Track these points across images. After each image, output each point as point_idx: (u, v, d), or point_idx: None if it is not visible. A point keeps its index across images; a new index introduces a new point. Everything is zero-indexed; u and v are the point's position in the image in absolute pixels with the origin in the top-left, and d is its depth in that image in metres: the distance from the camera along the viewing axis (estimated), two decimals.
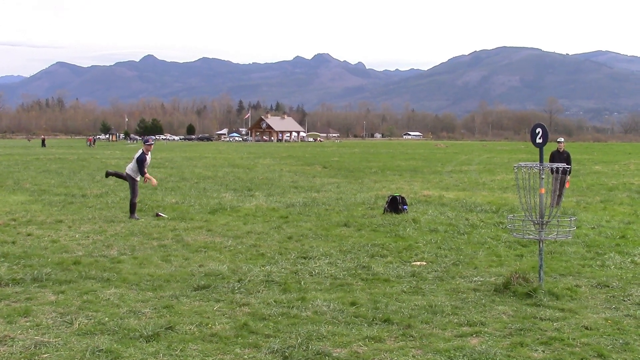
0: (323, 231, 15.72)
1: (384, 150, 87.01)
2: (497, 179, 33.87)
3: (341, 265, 11.78)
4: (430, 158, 61.26)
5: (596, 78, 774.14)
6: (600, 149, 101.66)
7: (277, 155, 65.98)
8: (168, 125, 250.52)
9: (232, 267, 11.53)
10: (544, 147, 10.07)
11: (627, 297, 9.64)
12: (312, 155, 67.33)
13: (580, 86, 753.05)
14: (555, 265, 11.82)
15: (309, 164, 49.88)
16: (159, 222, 17.05)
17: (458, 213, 19.24)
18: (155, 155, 63.92)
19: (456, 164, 51.84)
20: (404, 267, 11.73)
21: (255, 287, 10.14)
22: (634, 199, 23.46)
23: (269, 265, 11.71)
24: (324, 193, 25.43)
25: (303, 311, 8.80)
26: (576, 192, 25.94)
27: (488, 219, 18.05)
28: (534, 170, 9.96)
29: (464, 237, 14.98)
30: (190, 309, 8.87)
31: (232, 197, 23.58)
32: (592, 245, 13.91)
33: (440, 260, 12.29)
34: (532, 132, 10.17)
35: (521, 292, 9.58)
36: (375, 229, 16.22)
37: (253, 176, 34.89)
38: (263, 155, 66.35)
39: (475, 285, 10.35)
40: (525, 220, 10.49)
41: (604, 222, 17.42)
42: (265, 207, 20.57)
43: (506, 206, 20.85)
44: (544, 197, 9.83)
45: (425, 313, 8.73)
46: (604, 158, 62.16)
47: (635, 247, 13.63)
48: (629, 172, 40.17)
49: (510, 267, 11.44)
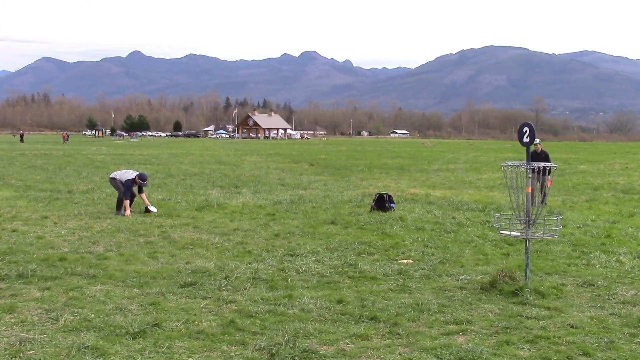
0: (310, 229, 15.73)
1: (371, 148, 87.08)
2: (484, 178, 33.98)
3: (328, 263, 11.79)
4: (417, 156, 61.38)
5: (582, 78, 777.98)
6: (586, 148, 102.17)
7: (264, 153, 65.90)
8: (154, 121, 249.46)
9: (218, 264, 11.52)
10: (530, 146, 10.13)
11: (612, 296, 9.70)
12: (299, 153, 67.29)
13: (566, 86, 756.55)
14: (541, 264, 11.88)
15: (296, 161, 49.85)
16: (146, 219, 16.99)
17: (445, 211, 19.30)
18: (142, 151, 63.66)
19: (443, 162, 51.97)
20: (391, 265, 11.75)
21: (242, 284, 10.13)
22: (619, 199, 23.60)
23: (256, 263, 11.70)
24: (311, 191, 25.43)
25: (290, 309, 8.80)
26: (562, 192, 26.06)
27: (475, 217, 18.11)
28: (520, 169, 10.00)
29: (451, 236, 15.02)
30: (176, 306, 8.85)
31: (218, 194, 23.54)
32: (577, 244, 13.98)
33: (427, 259, 12.33)
34: (519, 131, 10.22)
35: (507, 290, 9.62)
36: (362, 226, 16.24)
37: (240, 173, 34.83)
38: (250, 153, 66.24)
39: (461, 284, 10.39)
40: (511, 219, 10.53)
41: (590, 221, 17.52)
42: (252, 204, 20.55)
43: (493, 205, 20.92)
44: (530, 196, 9.88)
45: (412, 311, 8.75)
46: (589, 158, 62.48)
47: (621, 246, 13.72)
48: (614, 171, 40.41)
49: (496, 266, 11.49)
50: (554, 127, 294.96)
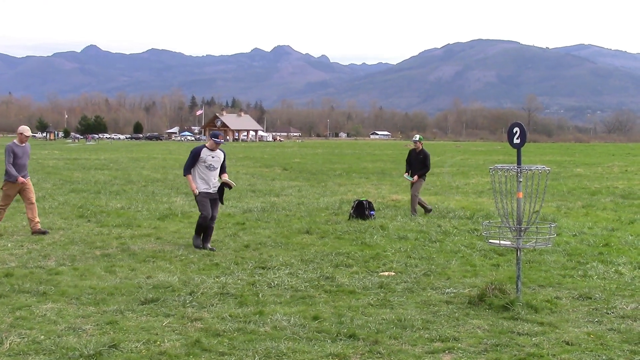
0: (283, 239, 15.71)
1: (350, 151, 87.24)
2: (472, 183, 34.14)
3: (303, 276, 11.78)
4: (399, 160, 61.48)
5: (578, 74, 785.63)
6: (582, 150, 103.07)
7: (233, 156, 65.75)
8: (113, 123, 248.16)
9: (183, 278, 11.46)
10: (522, 147, 10.18)
11: (610, 310, 9.77)
12: (272, 157, 67.25)
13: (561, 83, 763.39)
14: (534, 275, 11.95)
15: (268, 165, 49.81)
16: (102, 230, 16.88)
17: (429, 219, 19.36)
18: (99, 156, 63.27)
19: None
20: (371, 277, 11.76)
21: (208, 300, 10.09)
22: (618, 204, 23.79)
23: (224, 276, 11.67)
24: (284, 197, 25.41)
25: (261, 326, 8.78)
26: (556, 197, 26.25)
27: (462, 225, 18.19)
28: (511, 172, 10.05)
29: (436, 245, 15.07)
30: (136, 325, 8.79)
31: (183, 201, 23.45)
32: (573, 254, 14.08)
33: (410, 271, 12.35)
34: (509, 132, 10.27)
35: (497, 304, 9.66)
36: (340, 236, 16.25)
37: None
38: None
39: (447, 297, 10.42)
40: (501, 227, 10.59)
41: (586, 228, 17.64)
42: (220, 212, 20.48)
43: (481, 212, 21.03)
44: (522, 202, 9.93)
45: (393, 327, 8.76)
46: (586, 160, 63.02)
47: (620, 256, 13.82)
48: (612, 175, 40.75)
49: (485, 278, 11.54)
50: (548, 127, 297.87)
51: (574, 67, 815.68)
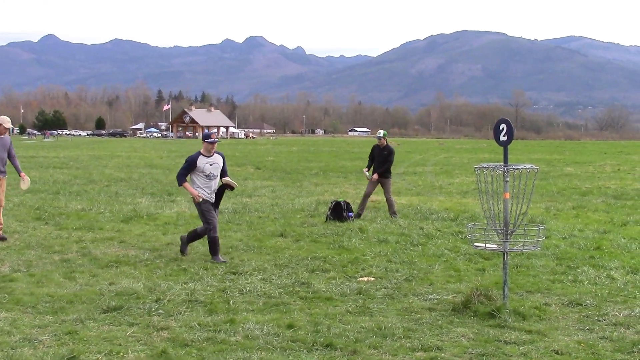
0: (255, 242, 15.69)
1: (327, 149, 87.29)
2: (456, 182, 34.29)
3: (276, 282, 11.76)
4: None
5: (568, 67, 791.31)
6: (573, 147, 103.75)
7: None
8: (73, 118, 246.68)
9: (148, 284, 11.41)
10: (509, 145, 10.23)
11: (602, 317, 9.83)
12: (244, 154, 67.14)
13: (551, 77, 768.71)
14: (521, 280, 12.01)
15: (240, 164, 49.72)
16: (61, 233, 16.76)
17: (411, 221, 19.42)
18: (58, 153, 62.85)
19: (409, 164, 52.33)
20: (349, 283, 11.77)
21: (175, 307, 10.05)
22: (610, 205, 23.97)
23: (193, 283, 11.63)
24: (257, 198, 25.38)
25: (232, 335, 8.76)
26: (545, 197, 26.41)
27: (445, 227, 18.26)
28: (497, 172, 10.09)
29: (418, 249, 15.11)
30: (98, 335, 8.74)
31: (149, 202, 23.36)
32: (563, 257, 14.16)
33: (391, 276, 12.38)
34: (495, 129, 10.32)
35: (483, 311, 9.70)
36: (316, 239, 16.25)
37: (174, 178, 34.52)
38: (186, 154, 65.70)
39: (430, 304, 10.44)
40: (487, 229, 10.62)
41: (577, 231, 17.76)
42: (188, 214, 20.43)
43: (466, 213, 21.12)
44: (509, 203, 9.97)
45: (373, 336, 8.77)
46: (576, 158, 63.45)
47: (612, 260, 13.90)
48: (604, 174, 41.07)
49: (470, 283, 11.58)
50: (537, 123, 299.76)
51: (563, 61, 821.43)
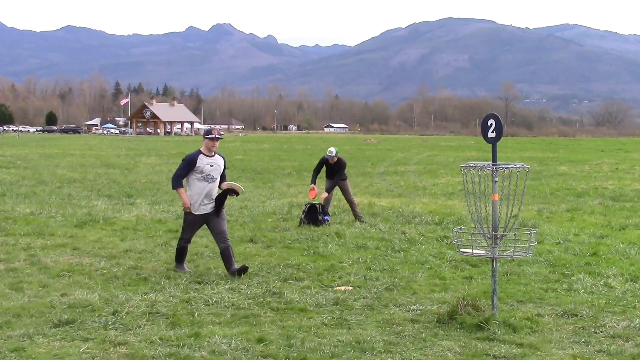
0: None
1: (301, 147, 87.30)
2: (441, 183, 34.39)
3: (246, 292, 11.74)
4: (357, 156, 61.73)
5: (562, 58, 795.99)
6: (567, 145, 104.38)
7: (165, 153, 65.39)
8: (21, 112, 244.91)
9: (104, 295, 11.34)
10: (498, 142, 10.25)
11: (599, 329, 9.88)
12: None
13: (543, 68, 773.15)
14: (512, 289, 12.06)
15: None
16: (7, 239, 16.62)
17: (392, 225, 19.46)
18: (4, 152, 62.37)
19: (390, 163, 52.43)
20: (325, 293, 11.76)
21: (135, 320, 10.00)
22: (607, 207, 24.11)
23: (154, 293, 11.57)
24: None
25: (197, 351, 8.73)
26: (538, 199, 26.54)
27: (429, 232, 18.31)
28: (485, 171, 10.12)
29: (400, 255, 15.14)
30: (48, 352, 8.67)
31: (105, 205, 23.24)
32: (557, 264, 14.23)
33: (370, 285, 12.38)
34: (483, 125, 10.34)
35: (470, 323, 9.72)
36: (289, 245, 16.25)
37: (133, 179, 34.46)
38: (147, 152, 65.62)
39: (413, 316, 10.46)
40: (475, 234, 10.65)
41: (572, 235, 17.85)
42: (149, 218, 20.34)
43: (452, 216, 21.19)
44: (497, 205, 9.99)
45: (351, 351, 8.77)
46: (571, 157, 63.79)
47: (610, 267, 13.97)
48: (601, 174, 41.33)
49: (456, 293, 11.61)
50: (528, 118, 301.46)
51: (557, 51, 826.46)
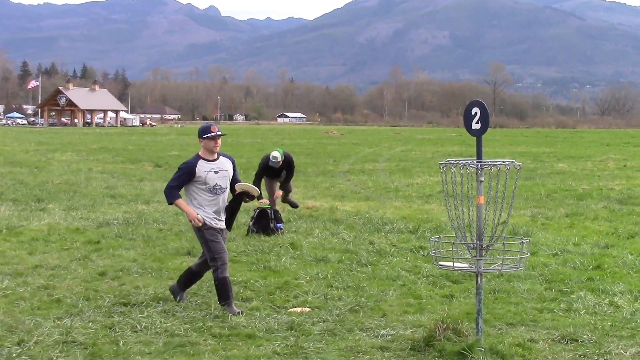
0: (155, 263, 15.60)
1: (249, 140, 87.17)
2: (417, 183, 34.46)
3: (182, 315, 11.69)
4: (317, 152, 61.81)
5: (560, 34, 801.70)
6: (567, 138, 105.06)
7: (84, 148, 64.99)
8: None
9: (8, 321, 11.25)
10: (483, 135, 10.29)
11: (603, 356, 9.94)
12: (139, 148, 66.73)
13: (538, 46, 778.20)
14: (500, 310, 12.10)
15: (134, 160, 49.41)
16: None
17: (358, 234, 19.47)
18: None
19: (356, 160, 52.50)
20: (278, 316, 11.75)
21: (45, 352, 9.93)
22: (613, 212, 24.15)
23: (69, 318, 11.49)
24: (157, 205, 25.24)
25: None
26: (531, 202, 26.63)
27: (402, 242, 18.34)
28: (468, 169, 10.15)
29: (367, 270, 15.15)
30: None
31: (10, 212, 23.06)
32: (553, 280, 14.30)
33: (332, 305, 12.38)
34: (466, 114, 10.37)
35: (451, 350, 9.77)
36: (235, 258, 16.20)
37: (45, 179, 34.21)
38: (61, 147, 65.18)
39: (383, 342, 10.49)
40: (456, 244, 10.69)
41: (571, 245, 17.91)
42: (63, 227, 20.20)
43: (429, 223, 21.23)
44: (483, 210, 10.03)
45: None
46: (571, 152, 64.20)
47: (616, 283, 14.02)
48: (607, 172, 41.53)
49: (434, 314, 11.64)
50: (520, 106, 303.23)
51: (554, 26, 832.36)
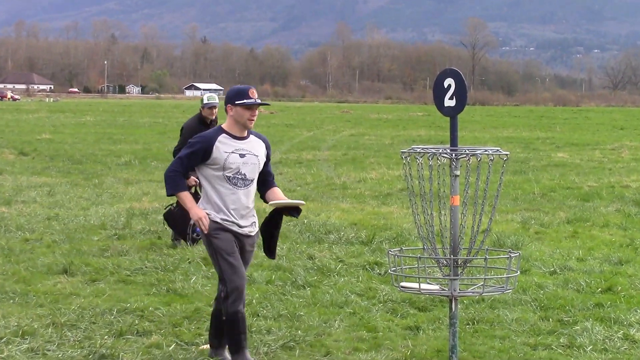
0: (19, 285, 15.51)
1: (147, 120, 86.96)
2: (371, 178, 34.52)
3: (55, 355, 11.62)
4: None
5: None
6: (568, 119, 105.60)
7: None
8: None
9: None
10: (459, 114, 10.30)
11: None
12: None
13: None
14: (481, 346, 12.13)
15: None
16: None
17: (293, 245, 19.47)
18: None
19: (291, 147, 52.57)
20: (184, 353, 11.72)
21: None
22: (628, 217, 24.19)
23: None
24: (22, 207, 25.08)
25: None
26: (522, 204, 26.73)
27: (352, 256, 18.35)
28: (440, 159, 10.16)
29: (306, 294, 15.15)
30: None
31: None
32: (551, 306, 14.34)
33: (258, 340, 12.33)
34: (436, 86, 10.38)
35: None
36: (128, 278, 16.15)
37: None
38: None
39: None
40: (423, 259, 10.73)
41: (574, 261, 17.97)
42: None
43: (387, 231, 21.26)
44: (458, 214, 10.05)
45: None
46: (573, 137, 64.52)
47: (631, 310, 14.05)
48: (619, 164, 41.61)
49: (394, 352, 11.67)
50: (507, 76, 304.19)
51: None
